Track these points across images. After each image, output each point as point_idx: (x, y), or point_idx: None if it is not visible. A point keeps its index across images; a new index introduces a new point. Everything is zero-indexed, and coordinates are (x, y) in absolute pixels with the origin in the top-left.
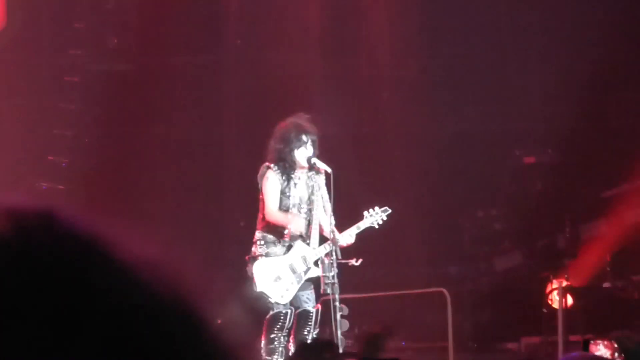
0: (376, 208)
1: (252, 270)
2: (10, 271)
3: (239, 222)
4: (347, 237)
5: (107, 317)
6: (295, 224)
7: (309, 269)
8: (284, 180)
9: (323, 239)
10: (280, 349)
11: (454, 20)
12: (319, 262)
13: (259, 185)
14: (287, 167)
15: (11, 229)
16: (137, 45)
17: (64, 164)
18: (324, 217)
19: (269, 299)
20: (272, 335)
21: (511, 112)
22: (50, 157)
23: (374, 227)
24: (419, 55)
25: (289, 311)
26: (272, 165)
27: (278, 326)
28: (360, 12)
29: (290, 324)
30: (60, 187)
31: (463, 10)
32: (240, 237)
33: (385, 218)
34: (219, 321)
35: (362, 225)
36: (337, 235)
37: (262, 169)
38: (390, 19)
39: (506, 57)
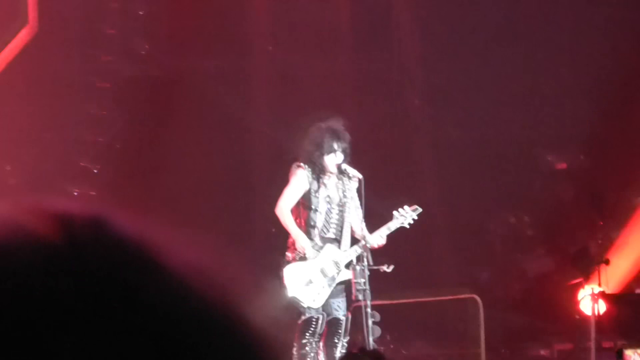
0: (406, 207)
1: (283, 275)
2: (59, 278)
3: (271, 228)
4: (378, 238)
5: (157, 324)
6: (300, 243)
7: (340, 272)
8: (313, 180)
9: (355, 242)
10: (312, 354)
11: (485, 24)
12: (350, 267)
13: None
14: (316, 170)
15: (61, 235)
16: (168, 51)
17: (95, 170)
18: (356, 221)
19: (301, 303)
20: (304, 341)
21: (543, 117)
22: (82, 163)
23: (405, 227)
24: (450, 59)
25: (321, 316)
26: (302, 164)
27: (310, 331)
28: (391, 17)
29: (322, 330)
30: (92, 193)
31: (493, 15)
32: (271, 243)
33: (415, 217)
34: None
35: (393, 225)
36: (368, 238)
37: (292, 166)
38: (421, 24)
39: (538, 62)
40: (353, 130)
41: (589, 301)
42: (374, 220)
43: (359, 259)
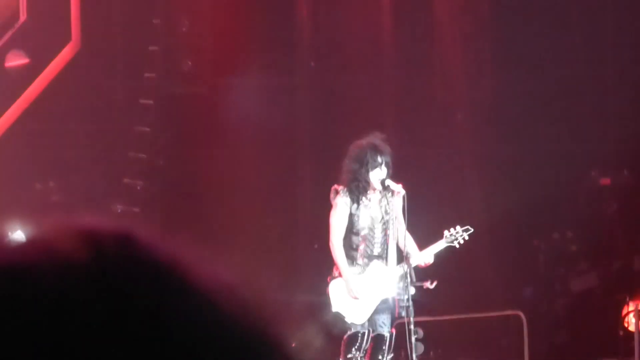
0: (457, 227)
1: (328, 291)
2: (85, 294)
3: (313, 245)
4: (427, 257)
5: (181, 343)
6: (347, 283)
7: (385, 288)
8: (353, 203)
9: (401, 258)
10: None
11: (528, 40)
12: (396, 284)
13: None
14: (360, 189)
15: (88, 251)
16: (211, 67)
17: (139, 187)
18: (400, 236)
19: (345, 318)
20: (350, 356)
21: (586, 132)
22: (125, 180)
23: (454, 246)
24: (492, 75)
25: (367, 332)
26: (340, 189)
27: (355, 346)
28: (433, 33)
29: (367, 345)
30: (136, 209)
31: (536, 30)
32: (314, 259)
33: (467, 237)
34: (293, 344)
35: (442, 244)
36: (416, 254)
37: (331, 193)
38: (463, 39)
39: (581, 77)
40: (396, 147)
41: (633, 317)
42: (417, 238)
43: (403, 275)
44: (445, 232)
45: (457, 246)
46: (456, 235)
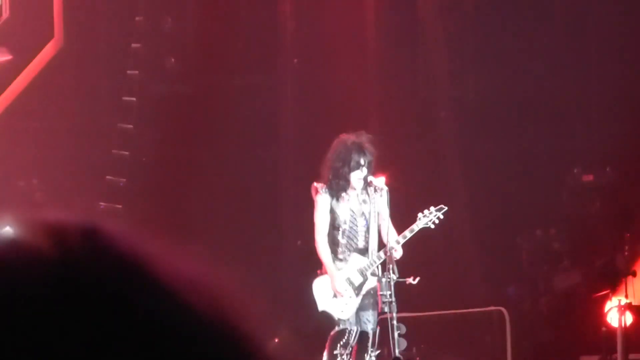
0: (431, 208)
1: (312, 290)
2: (52, 289)
3: (297, 242)
4: (402, 240)
5: (148, 337)
6: (332, 280)
7: (366, 280)
8: (333, 199)
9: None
10: None
11: (512, 39)
12: (377, 279)
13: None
14: (340, 186)
15: (53, 246)
16: (194, 65)
17: (121, 184)
18: (384, 231)
19: (332, 315)
20: (335, 352)
21: (569, 130)
22: (108, 177)
23: (429, 227)
24: (475, 73)
25: (355, 329)
26: (319, 186)
27: (342, 343)
28: (416, 30)
29: (354, 342)
30: (118, 206)
31: (520, 28)
32: (298, 255)
33: (441, 216)
34: (276, 340)
35: (417, 226)
36: (395, 246)
37: (312, 190)
38: (447, 38)
39: (564, 74)
40: (379, 144)
41: (616, 313)
42: (398, 233)
43: (386, 270)
44: (419, 214)
45: (433, 226)
46: (430, 216)
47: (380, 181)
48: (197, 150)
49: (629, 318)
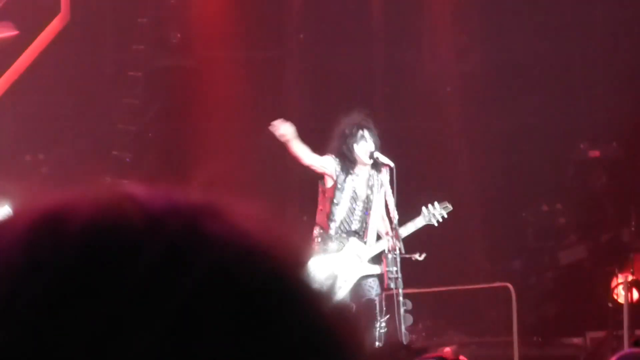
0: (435, 204)
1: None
2: (152, 253)
3: (303, 217)
4: (404, 233)
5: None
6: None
7: (362, 266)
8: (341, 173)
9: (379, 237)
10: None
11: (518, 13)
12: (382, 255)
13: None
14: (348, 163)
15: (142, 217)
16: (200, 40)
17: (127, 159)
18: (384, 217)
19: None
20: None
21: (576, 105)
22: (114, 152)
23: (433, 224)
24: (481, 49)
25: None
26: (334, 156)
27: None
28: (422, 6)
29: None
30: (124, 181)
31: (527, 4)
32: (303, 232)
33: (445, 215)
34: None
35: (419, 222)
36: (398, 230)
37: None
38: (452, 13)
39: (571, 49)
40: (384, 119)
41: (622, 289)
42: (403, 211)
43: (392, 247)
44: (423, 209)
45: (436, 224)
46: (434, 213)
47: (385, 158)
48: (202, 125)
49: (635, 294)
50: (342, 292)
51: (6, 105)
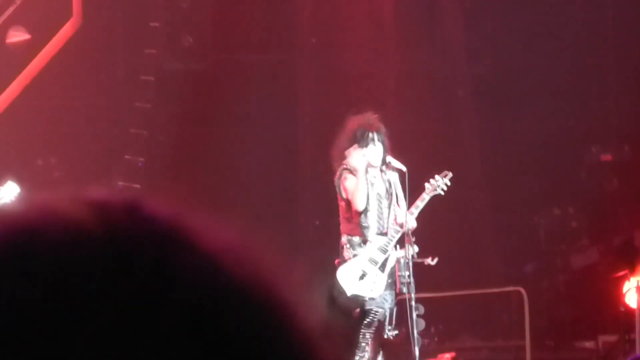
0: (436, 176)
1: (338, 280)
2: (94, 264)
3: (314, 221)
4: (414, 211)
5: (188, 307)
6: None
7: (388, 256)
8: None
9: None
10: (365, 345)
11: (530, 16)
12: (395, 260)
13: (337, 189)
14: (357, 167)
15: (95, 222)
16: (212, 44)
17: (140, 163)
18: (399, 210)
19: (363, 297)
20: (363, 331)
21: (588, 108)
22: (126, 156)
23: (439, 194)
24: (494, 51)
25: (381, 311)
26: (348, 165)
27: (367, 322)
28: (435, 8)
29: (377, 323)
30: (137, 185)
31: (539, 7)
32: (315, 236)
33: (448, 183)
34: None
35: (427, 195)
36: (410, 221)
37: (339, 170)
38: (465, 15)
39: (582, 53)
40: (397, 122)
41: (634, 293)
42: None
43: (404, 254)
44: (426, 184)
45: (442, 193)
46: (438, 184)
47: (397, 162)
48: (215, 129)
49: None
50: (378, 287)
51: (18, 109)
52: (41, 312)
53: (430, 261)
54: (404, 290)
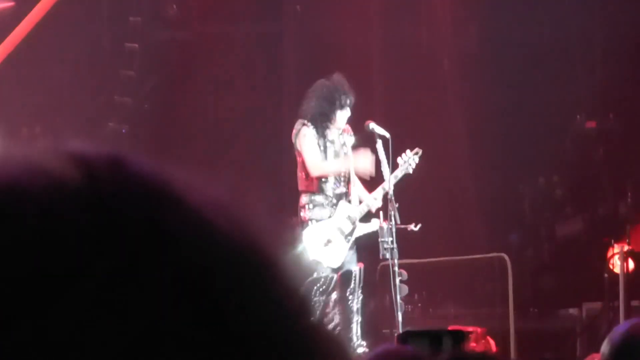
0: (407, 152)
1: (302, 237)
2: (79, 219)
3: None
4: (376, 201)
5: (180, 264)
6: (339, 165)
7: (355, 227)
8: (320, 137)
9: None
10: (318, 313)
11: None
12: (378, 226)
13: (295, 145)
14: (324, 126)
15: (79, 175)
16: (197, 13)
17: (124, 130)
18: (386, 180)
19: (323, 264)
20: (315, 299)
21: (573, 77)
22: (110, 124)
23: (408, 173)
24: (479, 21)
25: (334, 277)
26: (306, 122)
27: (320, 290)
28: None
29: (332, 289)
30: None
31: None
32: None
33: (417, 160)
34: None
35: (400, 173)
36: (369, 196)
37: (296, 125)
38: None
39: (567, 21)
40: (382, 92)
41: (618, 260)
42: (402, 184)
43: (387, 217)
44: (399, 159)
45: (411, 172)
46: (407, 160)
47: (381, 129)
48: (199, 98)
49: (631, 264)
50: (340, 258)
51: (2, 77)
52: (26, 273)
53: (414, 227)
54: (387, 256)
